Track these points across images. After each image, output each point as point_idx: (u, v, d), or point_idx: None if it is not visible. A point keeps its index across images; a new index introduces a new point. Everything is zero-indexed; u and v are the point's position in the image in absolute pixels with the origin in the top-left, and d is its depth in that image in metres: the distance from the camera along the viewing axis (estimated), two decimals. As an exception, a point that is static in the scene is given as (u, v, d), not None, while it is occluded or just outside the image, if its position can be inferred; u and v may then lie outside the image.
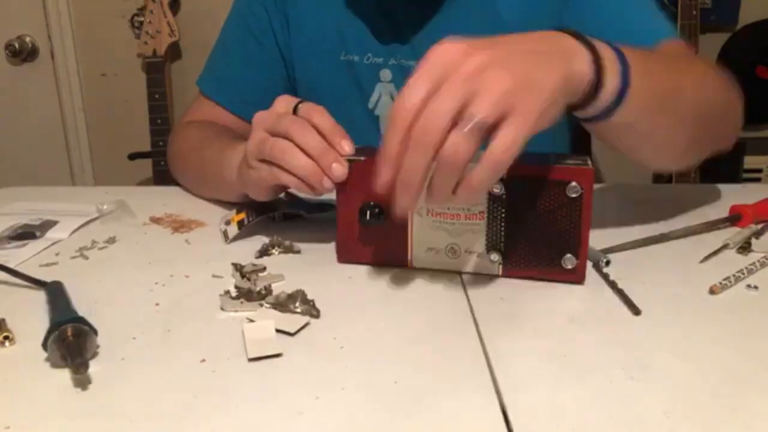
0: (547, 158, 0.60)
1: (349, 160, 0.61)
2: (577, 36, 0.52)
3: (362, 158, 0.61)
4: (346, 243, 0.64)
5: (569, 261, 0.58)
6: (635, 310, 0.54)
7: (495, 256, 0.60)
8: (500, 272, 0.60)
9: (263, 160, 0.64)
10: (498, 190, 0.58)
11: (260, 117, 0.65)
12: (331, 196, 0.63)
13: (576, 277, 0.59)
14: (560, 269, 0.58)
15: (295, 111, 0.64)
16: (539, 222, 0.58)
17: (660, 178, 1.73)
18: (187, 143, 0.93)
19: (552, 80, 0.48)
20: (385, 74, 0.93)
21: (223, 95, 0.97)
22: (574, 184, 0.56)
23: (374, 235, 0.63)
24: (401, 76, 0.92)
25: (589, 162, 0.58)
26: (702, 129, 0.68)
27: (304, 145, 0.61)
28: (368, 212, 0.61)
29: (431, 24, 0.89)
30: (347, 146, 0.61)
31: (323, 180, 0.60)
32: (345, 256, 0.65)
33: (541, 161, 0.59)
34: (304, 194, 0.66)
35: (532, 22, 0.85)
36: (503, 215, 0.59)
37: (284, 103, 0.65)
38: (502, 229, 0.59)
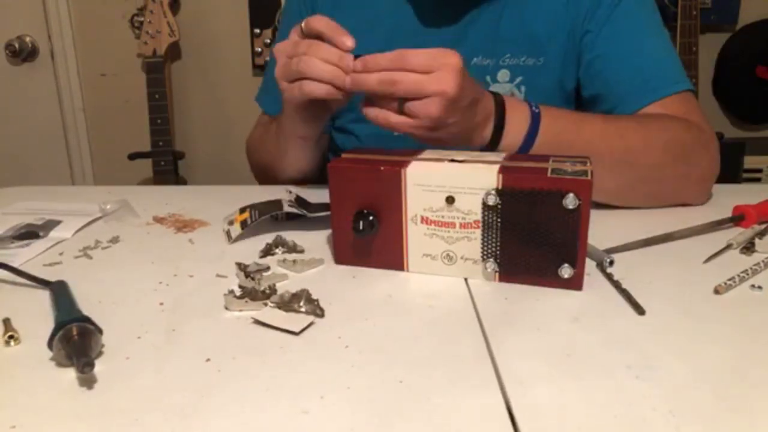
0: (545, 167, 0.58)
1: (344, 164, 0.62)
2: (498, 115, 0.74)
3: (359, 158, 0.61)
4: (341, 247, 0.64)
5: (566, 271, 0.57)
6: (639, 310, 0.54)
7: (491, 265, 0.59)
8: (496, 280, 0.60)
9: (292, 81, 0.74)
10: (492, 200, 0.57)
11: (278, 48, 0.75)
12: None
13: (573, 286, 0.58)
14: (557, 279, 0.58)
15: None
16: (535, 232, 0.57)
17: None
18: (258, 141, 1.03)
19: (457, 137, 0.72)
20: None
21: (277, 109, 1.02)
22: (571, 195, 0.55)
23: (370, 241, 0.63)
24: None
25: (589, 172, 0.57)
26: (627, 183, 0.79)
27: (321, 56, 0.71)
28: (361, 222, 0.61)
29: (461, 25, 0.92)
30: (349, 41, 0.70)
31: (346, 79, 0.70)
32: (341, 260, 0.65)
33: (537, 171, 0.57)
34: (306, 194, 0.66)
35: (555, 36, 0.91)
36: (498, 225, 0.58)
37: (295, 32, 0.75)
38: (498, 238, 0.58)
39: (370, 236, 0.62)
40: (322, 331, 0.52)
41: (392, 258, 0.62)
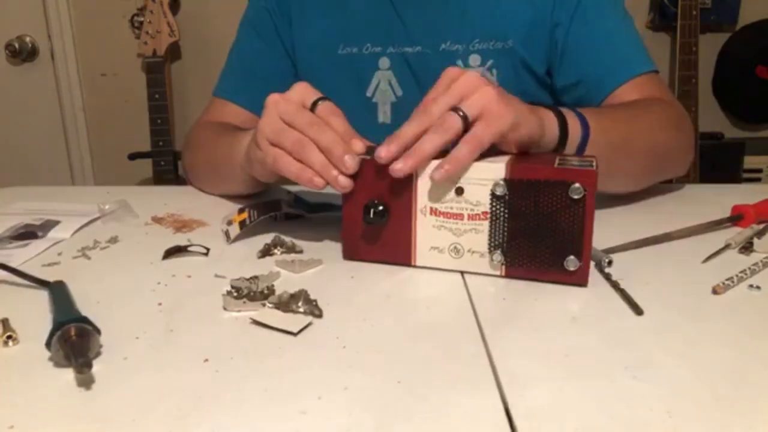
0: (552, 159, 0.60)
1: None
2: (554, 110, 0.69)
3: (368, 156, 0.61)
4: (351, 240, 0.65)
5: (572, 263, 0.58)
6: (638, 310, 0.54)
7: (497, 257, 0.60)
8: (503, 272, 0.60)
9: (274, 145, 0.65)
10: (501, 190, 0.58)
11: (275, 102, 0.66)
12: (333, 195, 0.64)
13: (579, 278, 0.58)
14: (563, 271, 0.58)
15: (313, 106, 0.66)
16: (542, 223, 0.58)
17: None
18: (202, 139, 0.96)
19: (529, 125, 0.63)
20: (384, 62, 0.97)
21: (241, 96, 1.01)
22: (577, 185, 0.56)
23: (378, 234, 0.63)
24: (399, 62, 0.96)
25: (594, 163, 0.58)
26: (650, 164, 0.84)
27: (323, 144, 0.62)
28: (372, 210, 0.61)
29: (430, 10, 0.94)
30: (358, 146, 0.63)
31: (338, 177, 0.61)
32: (350, 254, 0.65)
33: (544, 162, 0.58)
34: (305, 194, 0.65)
35: (518, 19, 0.92)
36: (506, 215, 0.59)
37: (301, 94, 0.67)
38: (505, 229, 0.59)
39: (380, 227, 0.63)
40: (320, 331, 0.52)
41: (400, 251, 0.63)
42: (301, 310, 0.54)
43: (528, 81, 0.96)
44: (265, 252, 0.67)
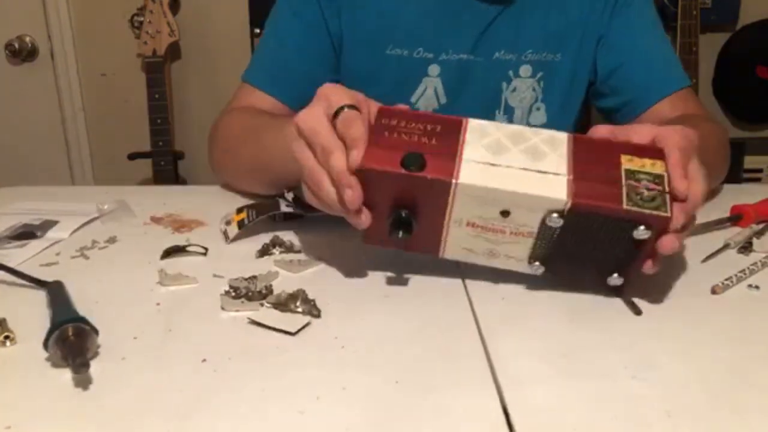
0: (618, 186, 0.52)
1: (381, 163, 0.54)
2: None
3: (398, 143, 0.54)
4: (375, 228, 0.57)
5: (615, 280, 0.55)
6: (636, 310, 0.54)
7: (537, 267, 0.56)
8: (539, 276, 0.58)
9: None
10: (555, 223, 0.52)
11: (302, 123, 0.59)
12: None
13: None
14: (604, 284, 0.56)
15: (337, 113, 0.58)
16: (593, 248, 0.54)
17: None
18: (237, 128, 0.90)
19: None
20: (434, 69, 0.95)
21: (276, 87, 0.94)
22: (642, 228, 0.50)
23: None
24: (449, 70, 0.94)
25: (668, 203, 0.51)
26: (716, 180, 0.86)
27: (329, 171, 0.57)
28: (401, 232, 0.54)
29: (487, 18, 0.93)
30: (355, 160, 0.54)
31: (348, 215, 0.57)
32: (372, 240, 0.59)
33: (611, 196, 0.51)
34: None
35: (571, 32, 0.94)
36: (554, 238, 0.54)
37: (327, 101, 0.59)
38: (550, 247, 0.55)
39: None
40: (318, 331, 0.52)
41: (428, 246, 0.58)
42: (300, 310, 0.54)
43: (571, 92, 0.97)
44: (264, 252, 0.67)
